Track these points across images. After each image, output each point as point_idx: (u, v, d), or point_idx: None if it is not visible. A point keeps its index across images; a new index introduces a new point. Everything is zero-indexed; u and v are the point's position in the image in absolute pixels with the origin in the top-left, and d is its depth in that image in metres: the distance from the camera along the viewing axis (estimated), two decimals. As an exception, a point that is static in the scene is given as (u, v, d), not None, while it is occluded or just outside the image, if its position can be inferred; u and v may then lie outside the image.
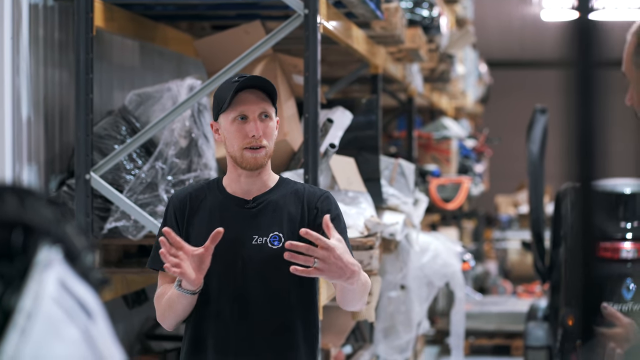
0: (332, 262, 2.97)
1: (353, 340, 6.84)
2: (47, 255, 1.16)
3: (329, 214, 3.20)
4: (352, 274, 3.02)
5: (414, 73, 8.11)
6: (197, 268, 3.08)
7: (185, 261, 3.06)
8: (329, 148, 4.87)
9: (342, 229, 3.26)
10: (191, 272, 3.07)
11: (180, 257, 3.06)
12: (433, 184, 9.31)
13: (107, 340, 1.20)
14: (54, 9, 5.04)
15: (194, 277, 3.08)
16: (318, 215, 3.25)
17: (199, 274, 3.09)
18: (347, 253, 3.04)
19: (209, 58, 5.44)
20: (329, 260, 2.97)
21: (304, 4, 4.43)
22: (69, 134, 5.15)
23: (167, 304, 3.21)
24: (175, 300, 3.17)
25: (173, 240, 3.06)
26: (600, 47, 1.36)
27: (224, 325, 3.23)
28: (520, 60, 19.54)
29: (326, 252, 2.96)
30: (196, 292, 3.15)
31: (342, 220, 3.29)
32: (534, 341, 7.85)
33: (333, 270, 2.99)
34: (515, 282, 13.00)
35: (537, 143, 8.05)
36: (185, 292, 3.14)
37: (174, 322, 3.27)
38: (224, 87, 3.30)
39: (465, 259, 7.82)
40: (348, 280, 3.04)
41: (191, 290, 3.14)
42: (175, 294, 3.16)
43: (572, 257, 1.44)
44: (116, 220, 4.76)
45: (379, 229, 4.91)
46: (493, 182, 16.22)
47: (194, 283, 3.10)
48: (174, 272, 3.07)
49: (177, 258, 3.05)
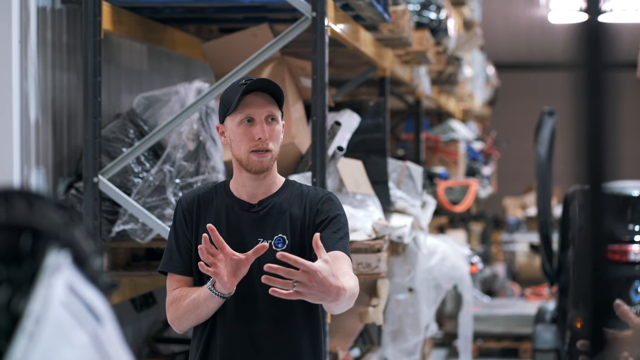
0: (313, 286, 2.85)
1: (361, 343, 6.84)
2: (55, 259, 1.16)
3: (327, 219, 3.19)
4: (336, 297, 2.90)
5: (422, 75, 8.10)
6: (233, 273, 3.04)
7: (222, 262, 3.03)
8: (337, 151, 4.87)
9: (341, 228, 3.23)
10: (225, 275, 3.03)
11: (219, 257, 3.02)
12: (441, 187, 9.30)
13: (116, 344, 1.20)
14: (62, 12, 5.04)
15: (227, 281, 3.04)
16: (318, 216, 3.24)
17: (234, 278, 3.05)
18: (332, 276, 2.87)
19: (216, 61, 5.44)
20: (309, 284, 2.84)
21: (312, 7, 4.43)
22: (77, 137, 5.16)
23: (192, 305, 3.17)
24: (202, 302, 3.14)
25: (216, 239, 3.02)
26: (608, 49, 1.36)
27: (230, 327, 3.22)
28: (527, 63, 19.52)
29: (307, 276, 2.83)
30: (227, 296, 3.12)
31: (341, 221, 3.25)
32: (542, 344, 7.83)
33: (314, 293, 2.87)
34: (523, 285, 12.98)
35: (545, 145, 8.04)
36: (217, 295, 3.10)
37: (191, 324, 3.23)
38: (230, 90, 3.29)
39: (473, 262, 7.81)
40: (333, 302, 2.94)
41: (225, 294, 3.10)
42: (204, 296, 3.12)
43: (581, 259, 1.44)
44: (124, 224, 4.77)
45: (386, 231, 4.91)
46: (501, 185, 16.20)
47: (228, 286, 3.06)
48: (207, 271, 3.03)
49: (216, 258, 3.02)
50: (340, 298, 2.92)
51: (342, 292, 2.91)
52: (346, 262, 3.17)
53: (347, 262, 3.19)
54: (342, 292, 2.91)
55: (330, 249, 3.13)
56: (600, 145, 1.36)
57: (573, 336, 6.79)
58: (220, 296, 3.11)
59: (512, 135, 17.02)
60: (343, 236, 3.22)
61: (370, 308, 5.29)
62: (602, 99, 1.36)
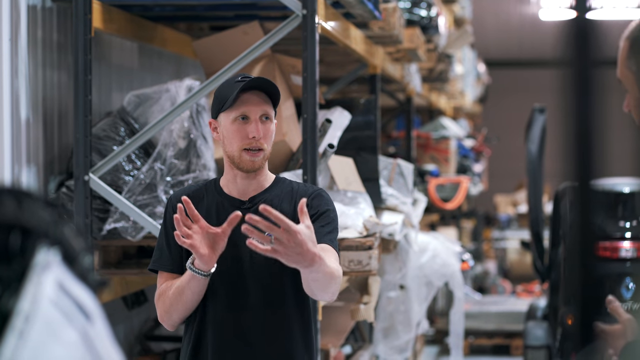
0: (290, 247, 2.85)
1: (352, 340, 6.84)
2: (45, 257, 1.15)
3: (316, 214, 3.21)
4: (311, 262, 2.90)
5: (413, 73, 8.11)
6: (210, 246, 3.04)
7: (198, 235, 3.03)
8: (328, 148, 4.87)
9: (329, 222, 3.24)
10: (203, 248, 3.03)
11: (194, 229, 3.02)
12: (432, 184, 9.30)
13: (106, 342, 1.20)
14: (52, 11, 5.03)
15: (206, 253, 3.03)
16: (308, 212, 3.24)
17: (212, 253, 3.05)
18: (311, 241, 2.90)
19: (207, 59, 5.44)
20: (287, 244, 2.85)
21: (302, 5, 4.43)
22: (67, 136, 5.15)
23: (176, 294, 3.16)
24: (186, 286, 3.13)
25: (190, 212, 3.03)
26: (597, 46, 1.36)
27: (222, 324, 3.23)
28: (518, 60, 19.54)
29: (286, 235, 2.84)
30: (208, 274, 3.10)
31: (330, 216, 3.26)
32: (533, 340, 7.84)
33: (290, 254, 2.87)
34: (515, 282, 13.00)
35: (536, 142, 8.05)
36: (197, 273, 3.09)
37: (179, 315, 3.22)
38: (226, 86, 3.29)
39: (465, 259, 7.82)
40: (307, 268, 2.94)
41: (204, 271, 3.09)
42: (186, 279, 3.12)
43: (571, 256, 1.44)
44: (115, 222, 4.76)
45: (377, 229, 4.91)
46: (492, 182, 16.22)
47: (206, 260, 3.05)
48: (184, 243, 3.03)
49: (191, 229, 3.02)
50: (314, 266, 2.92)
51: (317, 260, 2.91)
52: (333, 255, 3.18)
53: (334, 254, 3.19)
54: (317, 260, 2.91)
55: (318, 242, 3.14)
56: (590, 141, 1.36)
57: (564, 333, 6.81)
58: (201, 274, 3.10)
59: (503, 133, 17.03)
60: (331, 231, 3.23)
61: (361, 305, 5.29)
62: (591, 96, 1.36)
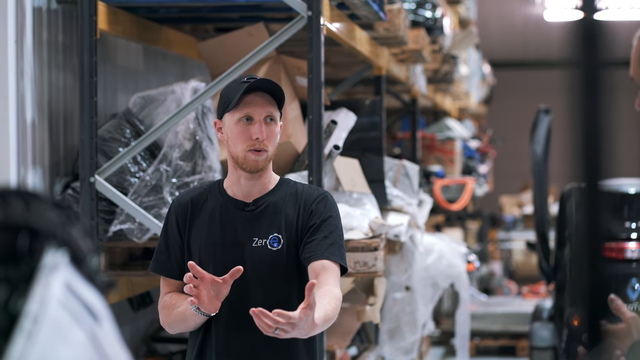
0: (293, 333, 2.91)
1: (358, 341, 6.84)
2: (53, 258, 1.16)
3: (318, 222, 3.21)
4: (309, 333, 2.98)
5: (418, 74, 8.10)
6: (215, 296, 3.09)
7: (203, 290, 3.07)
8: (333, 149, 4.87)
9: (332, 232, 3.23)
10: (205, 300, 3.07)
11: (200, 286, 3.07)
12: (437, 185, 9.30)
13: (114, 343, 1.20)
14: (58, 12, 5.04)
15: (207, 304, 3.09)
16: (312, 217, 3.24)
17: (216, 301, 3.10)
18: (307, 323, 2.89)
19: (212, 60, 5.44)
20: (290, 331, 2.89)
21: (307, 6, 4.43)
22: (73, 137, 5.16)
23: (180, 318, 3.22)
24: (189, 317, 3.19)
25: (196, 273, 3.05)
26: (604, 46, 1.36)
27: (226, 326, 3.24)
28: (523, 61, 19.53)
29: (289, 327, 2.87)
30: (211, 315, 3.17)
31: (333, 223, 3.25)
32: (539, 342, 7.84)
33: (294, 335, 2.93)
34: (520, 283, 12.99)
35: (541, 143, 8.04)
36: (201, 314, 3.16)
37: (181, 331, 3.32)
38: (231, 86, 3.29)
39: (470, 260, 7.81)
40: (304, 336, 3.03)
41: (208, 314, 3.16)
42: (190, 313, 3.17)
43: (578, 257, 1.44)
44: (121, 223, 4.76)
45: (383, 230, 4.91)
46: (497, 183, 16.21)
47: (208, 309, 3.11)
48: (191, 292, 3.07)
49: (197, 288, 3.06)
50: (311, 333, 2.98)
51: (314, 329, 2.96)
52: (333, 274, 3.18)
53: (335, 273, 3.19)
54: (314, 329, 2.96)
55: (320, 258, 3.15)
56: (597, 143, 1.36)
57: (570, 334, 6.80)
58: (205, 315, 3.17)
59: (508, 133, 17.01)
60: (334, 242, 3.21)
61: (367, 307, 5.29)
62: (598, 97, 1.36)
